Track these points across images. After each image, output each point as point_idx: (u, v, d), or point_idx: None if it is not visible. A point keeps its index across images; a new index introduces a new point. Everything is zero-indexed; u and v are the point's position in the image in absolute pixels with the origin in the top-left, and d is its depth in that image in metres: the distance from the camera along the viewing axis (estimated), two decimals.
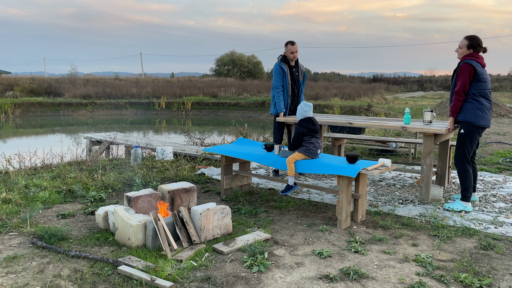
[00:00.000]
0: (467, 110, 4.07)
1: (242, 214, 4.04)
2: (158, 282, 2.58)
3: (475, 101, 4.05)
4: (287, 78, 5.42)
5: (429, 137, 4.37)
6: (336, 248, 3.22)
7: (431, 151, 4.36)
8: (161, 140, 10.86)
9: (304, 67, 5.68)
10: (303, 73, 5.65)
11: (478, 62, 4.05)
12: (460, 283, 2.68)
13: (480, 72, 4.02)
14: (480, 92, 4.05)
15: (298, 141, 4.00)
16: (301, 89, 5.65)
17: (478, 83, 4.03)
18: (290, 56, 5.41)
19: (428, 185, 4.45)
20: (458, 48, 4.18)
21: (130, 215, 3.33)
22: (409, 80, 43.62)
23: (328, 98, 23.14)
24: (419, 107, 19.40)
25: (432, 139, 4.35)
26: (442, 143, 4.79)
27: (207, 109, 24.15)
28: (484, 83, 4.05)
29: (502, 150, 7.67)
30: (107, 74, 44.38)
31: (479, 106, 4.04)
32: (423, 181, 4.47)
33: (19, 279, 2.70)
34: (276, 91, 5.44)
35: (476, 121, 4.04)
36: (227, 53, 48.30)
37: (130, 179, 5.34)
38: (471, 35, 4.13)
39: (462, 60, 4.12)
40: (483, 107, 4.05)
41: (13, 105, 22.10)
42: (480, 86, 4.04)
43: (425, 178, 4.45)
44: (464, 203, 4.17)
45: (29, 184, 4.92)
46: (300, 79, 5.60)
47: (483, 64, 4.10)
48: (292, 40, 5.45)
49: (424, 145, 4.39)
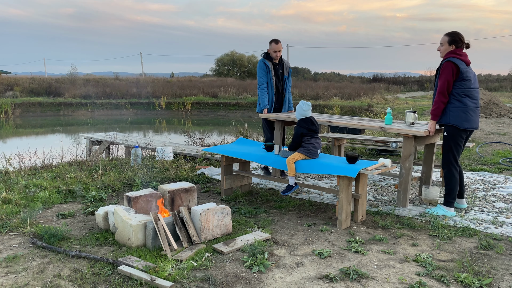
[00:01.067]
0: (450, 112, 3.87)
1: (242, 214, 4.04)
2: (158, 282, 2.58)
3: (459, 101, 3.84)
4: (271, 74, 5.36)
5: (408, 139, 4.10)
6: (336, 248, 3.22)
7: (411, 154, 4.12)
8: (161, 140, 10.86)
9: (289, 63, 5.61)
10: (288, 69, 5.56)
11: (462, 60, 3.84)
12: (460, 283, 2.68)
13: (464, 70, 3.81)
14: (465, 91, 3.83)
15: (298, 142, 3.99)
16: (286, 85, 5.57)
17: (462, 82, 3.82)
18: (273, 54, 5.36)
19: (406, 190, 4.18)
20: (440, 45, 3.99)
21: (130, 215, 3.33)
22: (409, 80, 43.61)
23: (328, 98, 23.14)
24: (419, 107, 19.40)
25: (412, 142, 4.08)
26: (428, 146, 4.54)
27: (207, 109, 24.15)
28: (469, 81, 3.83)
29: (502, 150, 7.67)
30: (107, 74, 44.37)
31: (463, 108, 3.84)
32: (401, 186, 4.20)
33: (19, 279, 2.70)
34: (260, 87, 5.38)
35: (459, 124, 3.84)
36: (227, 53, 48.29)
37: (130, 179, 5.34)
38: (452, 31, 3.94)
39: (444, 58, 3.91)
40: (467, 108, 3.84)
41: (13, 105, 22.10)
42: (464, 85, 3.82)
43: (403, 183, 4.18)
44: (446, 208, 4.02)
45: (29, 184, 4.92)
46: (285, 75, 5.52)
47: (467, 62, 3.89)
48: (277, 39, 5.36)
49: (403, 148, 4.16)
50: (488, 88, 30.67)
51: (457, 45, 3.91)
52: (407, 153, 4.13)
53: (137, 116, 23.23)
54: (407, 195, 4.20)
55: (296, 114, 4.11)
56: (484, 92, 16.77)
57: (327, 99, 22.94)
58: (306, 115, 4.04)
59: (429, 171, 4.56)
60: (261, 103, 5.36)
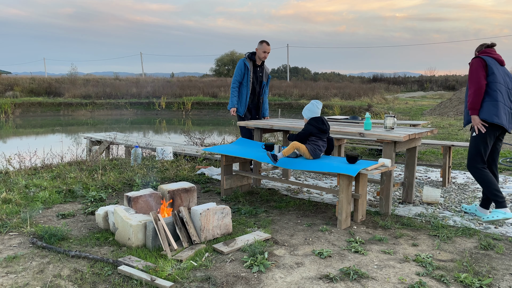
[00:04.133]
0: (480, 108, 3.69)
1: (242, 214, 4.04)
2: (158, 282, 2.58)
3: (489, 96, 3.66)
4: (249, 75, 5.32)
5: (388, 144, 3.94)
6: (336, 248, 3.22)
7: (391, 160, 3.91)
8: (161, 140, 10.86)
9: (269, 69, 5.58)
10: (267, 75, 5.55)
11: (492, 57, 3.71)
12: (460, 283, 2.68)
13: (491, 65, 3.67)
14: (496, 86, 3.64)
15: (304, 139, 3.98)
16: (264, 91, 5.55)
17: (491, 76, 3.65)
18: (261, 55, 5.32)
19: (388, 198, 4.01)
20: None
21: (130, 215, 3.33)
22: (409, 80, 43.64)
23: (328, 98, 23.15)
24: (419, 107, 19.40)
25: (392, 147, 3.92)
26: (409, 151, 4.39)
27: (207, 109, 24.15)
28: (495, 76, 3.65)
29: (502, 150, 7.67)
30: (107, 74, 44.39)
31: (493, 102, 3.64)
32: (382, 193, 4.04)
33: (19, 279, 2.70)
34: (232, 87, 5.37)
35: (489, 117, 3.65)
36: (227, 53, 48.33)
37: (130, 179, 5.34)
38: None
39: None
40: (498, 103, 3.63)
41: (13, 105, 22.11)
42: (494, 79, 3.64)
43: (385, 190, 4.01)
44: (502, 210, 3.70)
45: (29, 184, 4.92)
46: (264, 81, 5.50)
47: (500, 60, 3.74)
48: (267, 41, 5.37)
49: (383, 154, 3.98)
50: None
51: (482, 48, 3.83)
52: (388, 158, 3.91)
53: (137, 116, 23.23)
54: (389, 202, 4.05)
55: (307, 113, 4.05)
56: None
57: (327, 99, 22.95)
58: (317, 114, 4.02)
59: (412, 176, 4.41)
60: (230, 102, 5.36)
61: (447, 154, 5.17)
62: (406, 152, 4.43)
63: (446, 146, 5.23)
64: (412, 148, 4.36)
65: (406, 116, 14.50)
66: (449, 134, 9.91)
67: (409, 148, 4.29)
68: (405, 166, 4.46)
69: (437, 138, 9.07)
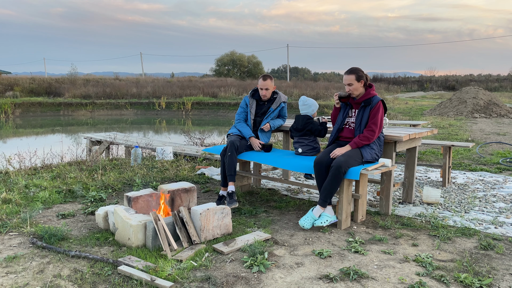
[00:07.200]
0: None
1: (242, 214, 4.04)
2: (158, 282, 2.58)
3: None
4: (250, 112, 4.62)
5: (388, 144, 3.94)
6: (336, 248, 3.22)
7: (391, 160, 3.92)
8: (161, 140, 10.86)
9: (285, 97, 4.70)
10: (279, 103, 4.63)
11: None
12: (460, 283, 2.68)
13: None
14: None
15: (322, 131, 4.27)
16: (268, 116, 4.62)
17: None
18: (261, 92, 4.54)
19: (388, 198, 3.99)
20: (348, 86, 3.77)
21: (130, 215, 3.33)
22: (409, 80, 43.67)
23: (328, 98, 23.15)
24: (419, 107, 19.40)
25: (392, 147, 3.90)
26: (410, 151, 4.35)
27: (207, 109, 24.16)
28: None
29: (502, 150, 7.67)
30: (107, 74, 44.38)
31: None
32: (382, 193, 4.04)
33: (19, 279, 2.70)
34: (237, 121, 4.67)
35: None
36: (227, 53, 48.35)
37: (130, 179, 5.34)
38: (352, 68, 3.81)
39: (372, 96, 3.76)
40: None
41: (13, 105, 22.11)
42: None
43: (385, 190, 4.00)
44: None
45: (29, 184, 4.92)
46: (272, 107, 4.60)
47: None
48: (266, 75, 4.56)
49: (383, 154, 3.96)
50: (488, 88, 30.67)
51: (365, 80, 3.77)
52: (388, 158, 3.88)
53: (137, 116, 23.23)
54: (389, 202, 4.04)
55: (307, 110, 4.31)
56: (484, 92, 16.78)
57: (327, 99, 22.95)
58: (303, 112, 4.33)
59: (412, 176, 4.39)
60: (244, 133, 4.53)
61: (447, 154, 5.17)
62: (406, 152, 4.42)
63: (446, 146, 5.23)
64: (412, 148, 4.35)
65: (406, 116, 14.50)
66: (449, 134, 9.92)
67: (409, 148, 4.28)
68: (405, 166, 4.46)
69: (437, 138, 9.08)
